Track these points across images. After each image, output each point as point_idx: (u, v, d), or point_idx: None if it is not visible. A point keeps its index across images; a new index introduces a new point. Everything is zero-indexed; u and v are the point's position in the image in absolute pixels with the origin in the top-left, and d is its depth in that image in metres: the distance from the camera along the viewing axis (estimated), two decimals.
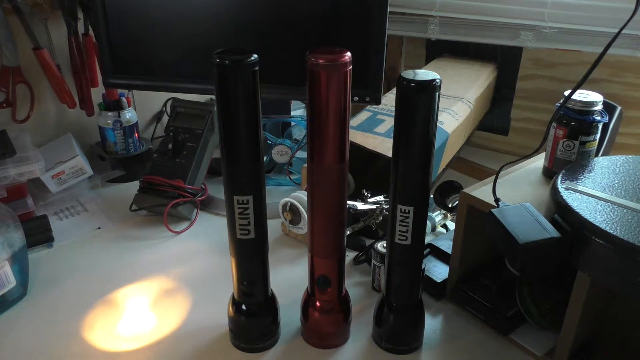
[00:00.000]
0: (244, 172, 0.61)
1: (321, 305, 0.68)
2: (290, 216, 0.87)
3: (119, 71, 0.97)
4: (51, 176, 0.99)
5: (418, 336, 0.70)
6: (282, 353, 0.69)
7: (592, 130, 0.71)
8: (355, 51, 0.57)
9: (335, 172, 0.60)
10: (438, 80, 0.56)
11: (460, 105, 1.05)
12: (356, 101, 0.89)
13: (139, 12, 0.91)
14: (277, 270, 0.83)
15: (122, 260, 0.87)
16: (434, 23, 1.19)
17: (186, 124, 1.01)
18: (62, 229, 0.95)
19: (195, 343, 0.71)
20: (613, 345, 0.67)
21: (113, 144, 1.11)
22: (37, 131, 1.09)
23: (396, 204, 0.61)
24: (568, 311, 0.61)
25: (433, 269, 0.80)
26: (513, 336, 0.70)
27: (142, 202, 0.98)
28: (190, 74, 0.94)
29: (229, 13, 0.89)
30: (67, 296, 0.79)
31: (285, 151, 1.07)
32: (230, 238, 0.65)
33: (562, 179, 0.65)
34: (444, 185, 0.88)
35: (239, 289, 0.67)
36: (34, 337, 0.71)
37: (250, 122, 0.58)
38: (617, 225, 0.55)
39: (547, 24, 1.06)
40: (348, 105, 0.58)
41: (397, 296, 0.67)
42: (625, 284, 0.54)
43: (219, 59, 0.55)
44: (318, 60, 0.55)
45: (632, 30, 0.98)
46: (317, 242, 0.65)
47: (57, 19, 1.04)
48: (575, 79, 0.70)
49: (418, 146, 0.58)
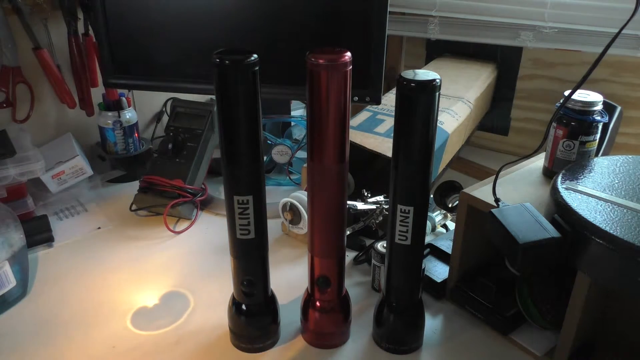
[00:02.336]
0: (244, 172, 0.60)
1: (321, 305, 0.68)
2: (290, 216, 0.87)
3: (119, 71, 0.97)
4: (51, 176, 0.99)
5: (418, 336, 0.70)
6: (282, 353, 0.69)
7: (592, 130, 0.71)
8: (355, 51, 0.57)
9: (335, 172, 0.60)
10: (438, 80, 0.56)
11: (460, 105, 1.05)
12: (356, 101, 0.89)
13: (139, 12, 0.92)
14: (277, 270, 0.83)
15: (122, 260, 0.87)
16: (434, 23, 1.19)
17: (186, 124, 1.01)
18: (62, 229, 0.95)
19: (195, 343, 0.71)
20: (613, 345, 0.67)
21: (113, 144, 1.11)
22: (37, 131, 1.09)
23: (396, 204, 0.61)
24: (568, 311, 0.61)
25: (433, 269, 0.80)
26: (513, 336, 0.70)
27: (142, 202, 0.98)
28: (190, 74, 0.94)
29: (229, 13, 0.89)
30: (67, 296, 0.79)
31: (285, 151, 1.07)
32: (230, 238, 0.65)
33: (562, 179, 0.65)
34: (444, 185, 0.88)
35: (239, 289, 0.67)
36: (34, 337, 0.71)
37: (250, 122, 0.58)
38: (617, 225, 0.55)
39: (547, 24, 1.06)
40: (348, 105, 0.58)
41: (397, 296, 0.67)
42: (625, 284, 0.54)
43: (219, 59, 0.55)
44: (318, 60, 0.55)
45: (632, 30, 0.98)
46: (317, 242, 0.65)
47: (57, 19, 1.04)
48: (575, 79, 0.70)
49: (418, 146, 0.58)
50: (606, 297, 0.65)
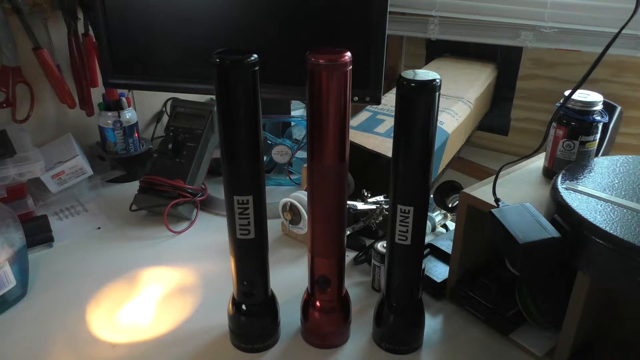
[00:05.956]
0: (244, 172, 0.60)
1: (321, 305, 0.68)
2: (290, 216, 0.87)
3: (119, 71, 0.97)
4: (51, 176, 0.99)
5: (418, 336, 0.70)
6: (282, 353, 0.69)
7: (592, 130, 0.71)
8: (355, 51, 0.57)
9: (335, 172, 0.60)
10: (438, 80, 0.56)
11: (460, 105, 1.05)
12: (356, 101, 0.89)
13: (139, 12, 0.92)
14: (277, 270, 0.83)
15: (122, 260, 0.87)
16: (434, 23, 1.19)
17: (186, 124, 1.01)
18: (62, 229, 0.95)
19: (195, 343, 0.71)
20: (613, 345, 0.67)
21: (113, 144, 1.11)
22: (37, 131, 1.09)
23: (396, 204, 0.61)
24: (568, 311, 0.61)
25: (433, 269, 0.80)
26: (513, 336, 0.70)
27: (142, 202, 0.98)
28: (190, 74, 0.94)
29: (229, 13, 0.89)
30: (67, 296, 0.79)
31: (285, 151, 1.07)
32: (230, 238, 0.65)
33: (562, 179, 0.65)
34: (444, 185, 0.88)
35: (239, 289, 0.67)
36: (34, 337, 0.71)
37: (250, 122, 0.58)
38: (617, 225, 0.55)
39: (547, 24, 1.06)
40: (348, 105, 0.58)
41: (397, 296, 0.67)
42: (625, 284, 0.54)
43: (219, 59, 0.55)
44: (318, 60, 0.55)
45: (632, 30, 0.98)
46: (317, 242, 0.65)
47: (57, 19, 1.04)
48: (575, 79, 0.70)
49: (418, 146, 0.58)
50: (606, 297, 0.65)
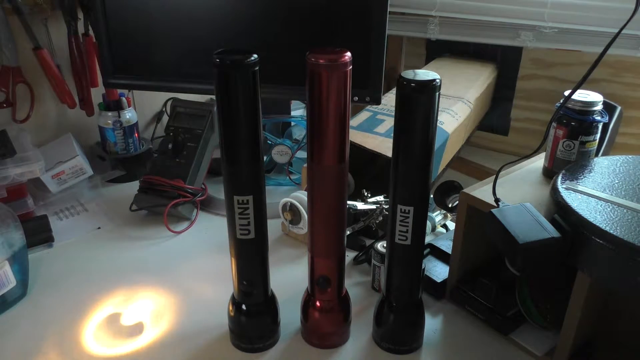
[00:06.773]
0: (244, 172, 0.60)
1: (321, 305, 0.68)
2: (290, 216, 0.87)
3: (119, 71, 0.97)
4: (51, 176, 0.99)
5: (418, 336, 0.70)
6: (282, 353, 0.69)
7: (592, 130, 0.71)
8: (355, 51, 0.57)
9: (335, 172, 0.60)
10: (438, 80, 0.56)
11: (460, 105, 1.05)
12: (356, 101, 0.89)
13: (139, 12, 0.92)
14: (277, 270, 0.83)
15: (122, 260, 0.87)
16: (434, 23, 1.19)
17: (186, 124, 1.01)
18: (62, 229, 0.95)
19: (195, 343, 0.71)
20: (613, 345, 0.67)
21: (113, 144, 1.11)
22: (37, 131, 1.09)
23: (396, 204, 0.61)
24: (568, 311, 0.61)
25: (433, 269, 0.80)
26: (513, 336, 0.70)
27: (142, 202, 0.98)
28: (190, 74, 0.94)
29: (229, 13, 0.89)
30: (67, 296, 0.79)
31: (285, 151, 1.07)
32: (230, 238, 0.65)
33: (562, 179, 0.65)
34: (444, 185, 0.88)
35: (239, 289, 0.67)
36: (34, 337, 0.71)
37: (250, 122, 0.58)
38: (617, 225, 0.55)
39: (547, 24, 1.06)
40: (348, 105, 0.58)
41: (397, 296, 0.67)
42: (625, 284, 0.54)
43: (219, 59, 0.55)
44: (318, 60, 0.55)
45: (632, 30, 0.98)
46: (317, 242, 0.65)
47: (57, 19, 1.04)
48: (575, 79, 0.70)
49: (418, 146, 0.58)
50: (606, 297, 0.65)
